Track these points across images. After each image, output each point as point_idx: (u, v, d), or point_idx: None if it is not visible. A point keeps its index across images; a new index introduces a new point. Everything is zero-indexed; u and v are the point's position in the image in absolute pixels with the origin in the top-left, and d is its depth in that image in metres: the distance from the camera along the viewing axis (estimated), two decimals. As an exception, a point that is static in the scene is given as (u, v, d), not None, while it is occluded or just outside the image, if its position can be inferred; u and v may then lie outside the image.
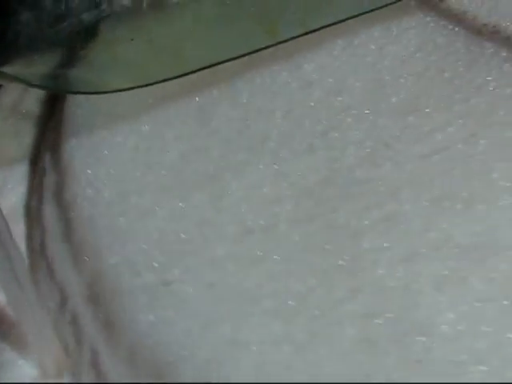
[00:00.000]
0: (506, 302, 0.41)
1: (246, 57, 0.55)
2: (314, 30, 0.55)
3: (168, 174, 0.51)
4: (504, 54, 0.57)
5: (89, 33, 0.52)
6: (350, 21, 0.58)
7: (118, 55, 0.53)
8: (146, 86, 0.51)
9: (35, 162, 0.58)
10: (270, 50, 0.55)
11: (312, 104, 0.55)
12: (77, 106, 0.57)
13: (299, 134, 0.53)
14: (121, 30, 0.53)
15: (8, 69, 0.49)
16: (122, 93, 0.51)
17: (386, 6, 0.57)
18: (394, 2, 0.58)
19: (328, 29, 0.56)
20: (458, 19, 0.61)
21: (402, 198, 0.47)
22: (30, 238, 0.53)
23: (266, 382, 0.38)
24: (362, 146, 0.51)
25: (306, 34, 0.55)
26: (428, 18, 0.61)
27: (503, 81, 0.55)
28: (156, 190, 0.50)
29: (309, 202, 0.48)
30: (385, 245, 0.45)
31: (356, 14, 0.57)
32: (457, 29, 0.60)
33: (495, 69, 0.56)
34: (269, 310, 0.42)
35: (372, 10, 0.57)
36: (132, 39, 0.53)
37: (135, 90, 0.51)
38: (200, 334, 0.41)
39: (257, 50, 0.54)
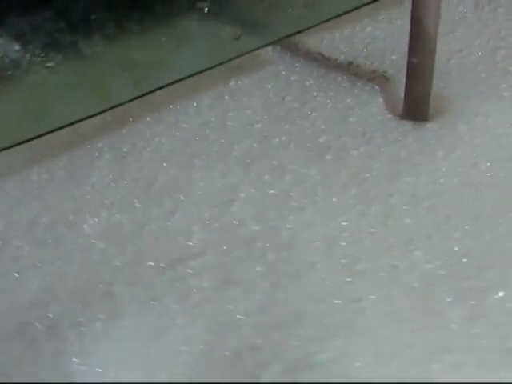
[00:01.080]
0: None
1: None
2: (151, 91, 0.58)
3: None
4: (339, 79, 0.67)
5: None
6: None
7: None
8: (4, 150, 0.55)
9: None
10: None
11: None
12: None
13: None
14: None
15: None
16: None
17: (223, 63, 0.60)
18: (231, 60, 0.61)
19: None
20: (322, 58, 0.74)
21: (196, 165, 0.66)
22: None
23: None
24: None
25: (144, 95, 0.58)
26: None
27: (302, 97, 0.69)
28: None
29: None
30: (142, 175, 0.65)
31: (195, 72, 0.58)
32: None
33: (303, 87, 0.70)
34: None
35: (213, 67, 0.60)
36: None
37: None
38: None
39: (92, 115, 0.56)
